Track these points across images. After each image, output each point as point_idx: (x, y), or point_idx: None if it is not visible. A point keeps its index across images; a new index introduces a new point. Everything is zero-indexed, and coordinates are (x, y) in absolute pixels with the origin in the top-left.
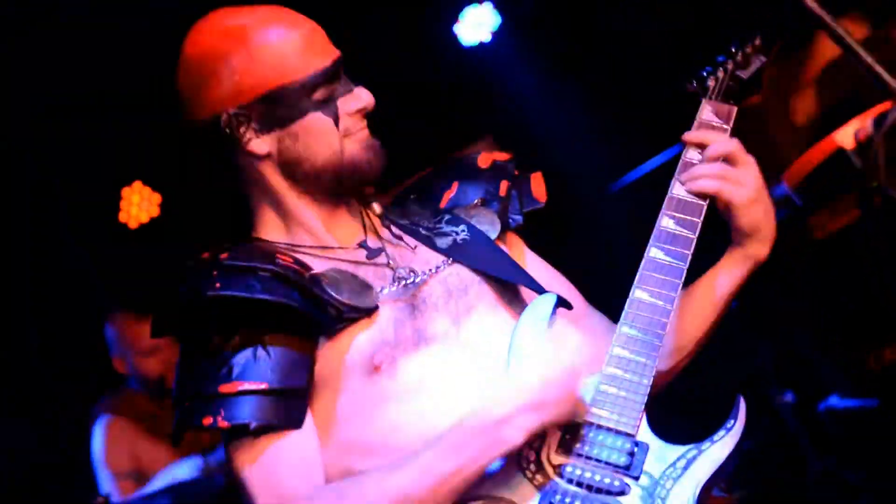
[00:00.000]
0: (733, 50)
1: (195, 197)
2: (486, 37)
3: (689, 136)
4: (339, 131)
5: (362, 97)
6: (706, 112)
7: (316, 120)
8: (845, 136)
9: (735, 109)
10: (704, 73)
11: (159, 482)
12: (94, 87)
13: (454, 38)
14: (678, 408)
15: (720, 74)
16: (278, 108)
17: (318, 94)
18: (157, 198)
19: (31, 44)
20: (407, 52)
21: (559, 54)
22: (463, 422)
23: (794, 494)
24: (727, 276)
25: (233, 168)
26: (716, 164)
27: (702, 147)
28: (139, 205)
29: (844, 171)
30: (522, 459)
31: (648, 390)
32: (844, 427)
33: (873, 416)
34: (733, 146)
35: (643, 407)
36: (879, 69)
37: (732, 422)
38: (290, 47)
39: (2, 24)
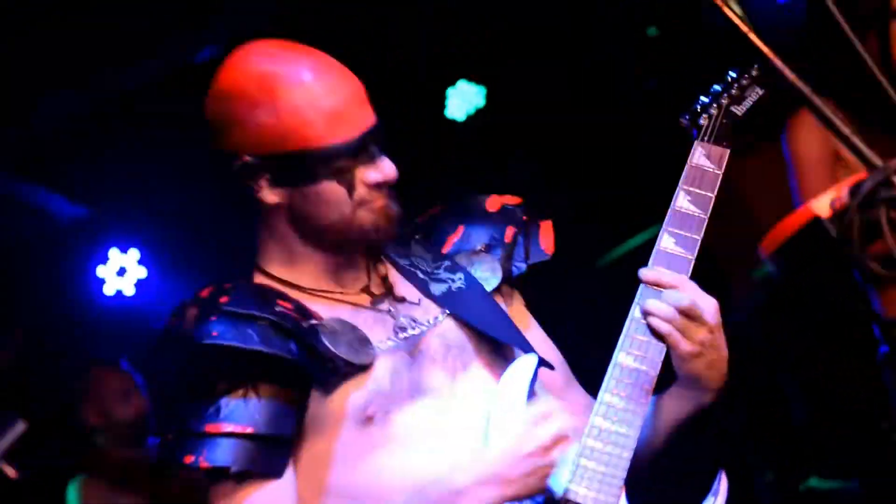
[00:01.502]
0: (729, 80)
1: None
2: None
3: (645, 273)
4: (352, 201)
5: (384, 170)
6: (698, 154)
7: (330, 187)
8: (821, 204)
9: (727, 153)
10: (698, 107)
11: None
12: None
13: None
14: (658, 482)
15: (713, 111)
16: (294, 169)
17: (338, 164)
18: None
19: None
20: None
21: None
22: (423, 489)
23: None
24: (673, 406)
25: (245, 202)
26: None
27: (659, 287)
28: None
29: (819, 240)
30: None
31: (628, 464)
32: None
33: (855, 500)
34: (685, 301)
35: (622, 482)
36: (856, 140)
37: (713, 499)
38: (318, 113)
39: None
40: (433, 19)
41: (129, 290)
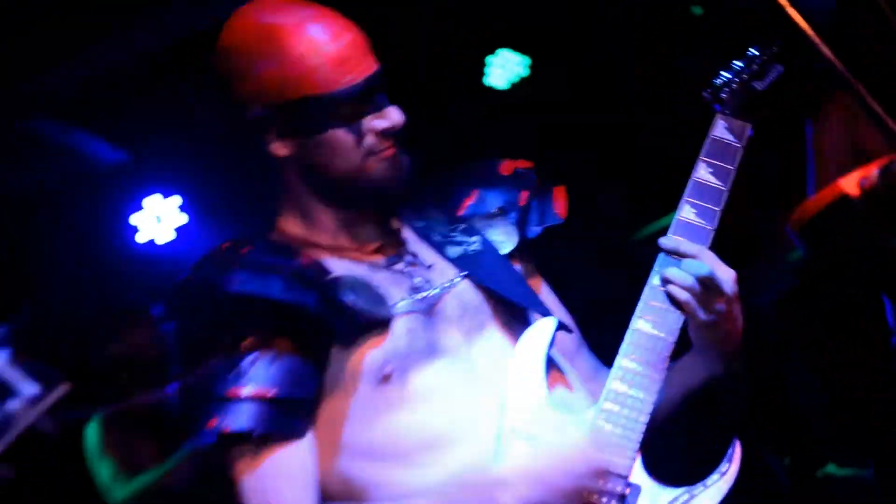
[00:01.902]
0: (750, 56)
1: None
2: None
3: (664, 242)
4: (361, 149)
5: (391, 116)
6: (719, 128)
7: (338, 135)
8: (850, 183)
9: (749, 127)
10: (719, 82)
11: None
12: None
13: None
14: (672, 447)
15: (735, 86)
16: (301, 117)
17: (344, 111)
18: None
19: None
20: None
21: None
22: (463, 478)
23: None
24: (687, 374)
25: (259, 159)
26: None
27: (678, 256)
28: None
29: (847, 219)
30: None
31: (644, 427)
32: (841, 496)
33: (868, 487)
34: (704, 271)
35: (638, 446)
36: (888, 119)
37: (727, 465)
38: (321, 59)
39: None
40: None
41: (164, 238)
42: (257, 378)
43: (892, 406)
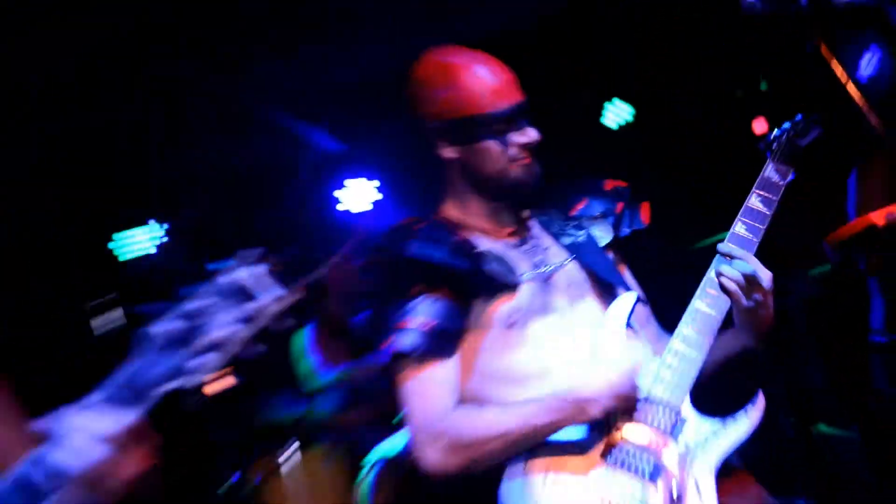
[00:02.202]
0: (797, 119)
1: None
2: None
3: (722, 247)
4: (506, 156)
5: (530, 135)
6: (769, 170)
7: (490, 145)
8: (879, 216)
9: (791, 171)
10: (772, 137)
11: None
12: None
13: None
14: (712, 392)
15: (783, 140)
16: (465, 130)
17: (496, 127)
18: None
19: None
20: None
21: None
22: (561, 393)
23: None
24: (728, 343)
25: (432, 160)
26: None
27: (730, 258)
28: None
29: (872, 241)
30: (599, 424)
31: (694, 377)
32: (830, 451)
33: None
34: (749, 268)
35: (688, 390)
36: None
37: (751, 407)
38: (483, 89)
39: None
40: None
41: (359, 209)
42: (422, 314)
43: (870, 386)
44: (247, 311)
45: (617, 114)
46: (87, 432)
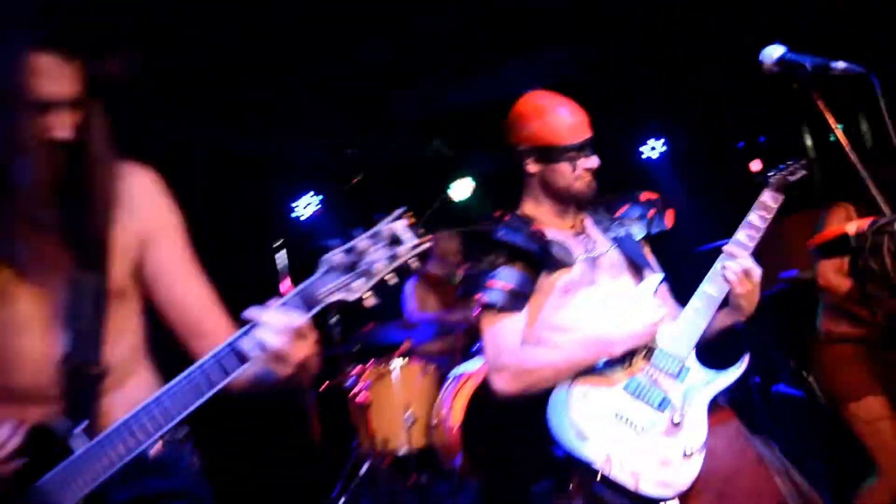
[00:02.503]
0: (788, 163)
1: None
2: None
3: (727, 248)
4: (574, 176)
5: (593, 161)
6: (765, 195)
7: (564, 167)
8: (851, 227)
9: (781, 197)
10: (769, 174)
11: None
12: None
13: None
14: (711, 350)
15: (778, 176)
16: (547, 155)
17: (570, 155)
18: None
19: None
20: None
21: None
22: (593, 337)
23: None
24: (724, 317)
25: (520, 172)
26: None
27: (732, 255)
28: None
29: (843, 246)
30: (622, 360)
31: (698, 338)
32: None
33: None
34: (747, 265)
35: (693, 348)
36: (877, 194)
37: (739, 364)
38: (562, 126)
39: None
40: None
41: (461, 199)
42: (504, 278)
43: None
44: (394, 252)
45: (654, 149)
46: (278, 322)
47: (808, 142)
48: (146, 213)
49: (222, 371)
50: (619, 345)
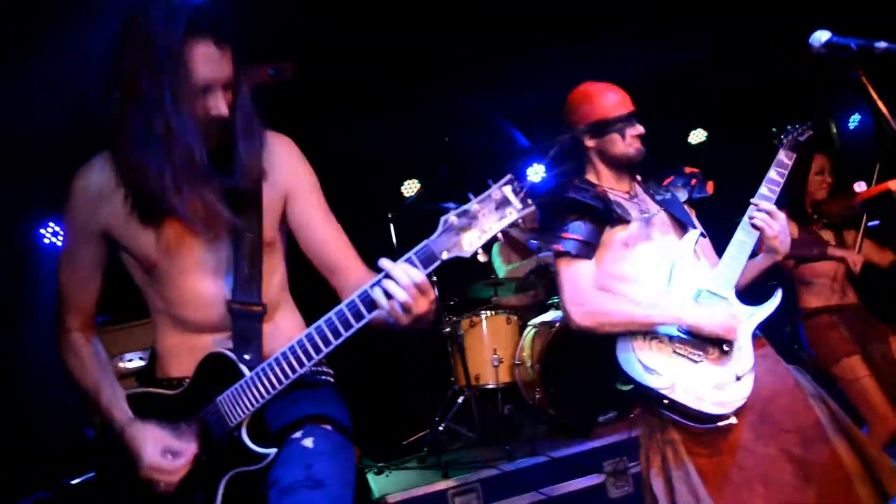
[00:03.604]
0: (797, 125)
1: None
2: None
3: (754, 200)
4: (624, 143)
5: (638, 129)
6: (780, 154)
7: (614, 136)
8: (893, 183)
9: (794, 156)
10: (782, 135)
11: None
12: None
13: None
14: (748, 289)
15: (790, 136)
16: (599, 128)
17: (618, 125)
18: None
19: None
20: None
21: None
22: (675, 314)
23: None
24: (760, 261)
25: (580, 147)
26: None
27: (757, 206)
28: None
29: (887, 202)
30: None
31: (736, 280)
32: None
33: None
34: (770, 208)
35: (733, 287)
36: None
37: (773, 297)
38: (609, 103)
39: None
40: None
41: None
42: (576, 231)
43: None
44: (503, 214)
45: (697, 136)
46: (403, 276)
47: (833, 129)
48: (287, 174)
49: (357, 315)
50: (694, 327)
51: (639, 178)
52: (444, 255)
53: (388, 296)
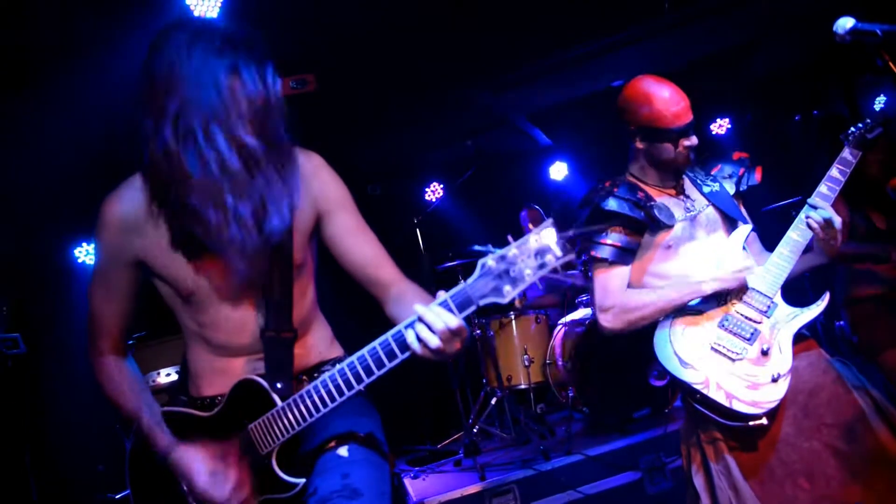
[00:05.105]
0: (867, 121)
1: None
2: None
3: (811, 199)
4: (674, 152)
5: (693, 141)
6: (845, 152)
7: (667, 146)
8: None
9: (860, 153)
10: (849, 132)
11: None
12: None
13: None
14: (796, 290)
15: (857, 133)
16: (651, 134)
17: (673, 135)
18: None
19: None
20: None
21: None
22: (685, 281)
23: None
24: (808, 260)
25: (629, 147)
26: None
27: (815, 207)
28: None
29: None
30: (718, 299)
31: (784, 279)
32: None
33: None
34: (829, 215)
35: (779, 287)
36: None
37: (820, 301)
38: (668, 112)
39: None
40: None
41: (558, 178)
42: (613, 239)
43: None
44: (542, 262)
45: (722, 126)
46: (437, 323)
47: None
48: (319, 191)
49: (390, 354)
50: (707, 285)
51: (684, 177)
52: (481, 302)
53: (421, 341)
